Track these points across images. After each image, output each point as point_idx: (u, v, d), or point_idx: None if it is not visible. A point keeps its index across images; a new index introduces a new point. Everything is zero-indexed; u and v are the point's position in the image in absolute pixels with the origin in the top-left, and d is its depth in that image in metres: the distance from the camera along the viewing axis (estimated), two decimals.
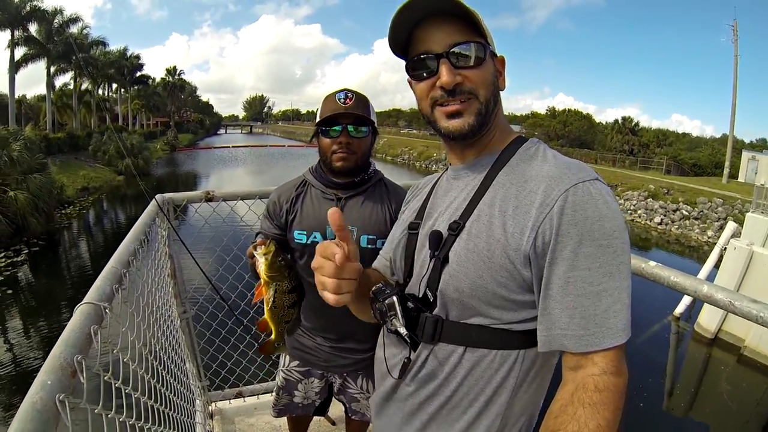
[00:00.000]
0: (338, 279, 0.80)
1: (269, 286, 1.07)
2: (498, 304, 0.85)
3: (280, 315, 1.10)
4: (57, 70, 34.50)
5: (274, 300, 1.08)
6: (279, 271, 1.06)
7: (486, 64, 0.90)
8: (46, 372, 0.69)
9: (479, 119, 0.91)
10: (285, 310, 1.10)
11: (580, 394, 0.75)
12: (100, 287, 1.00)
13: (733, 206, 20.49)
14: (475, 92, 0.90)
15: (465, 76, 0.89)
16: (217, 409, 2.62)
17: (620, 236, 0.78)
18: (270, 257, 1.05)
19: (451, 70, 0.88)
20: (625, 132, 43.45)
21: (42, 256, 14.29)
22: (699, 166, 37.03)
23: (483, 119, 0.91)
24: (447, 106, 0.91)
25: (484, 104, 0.91)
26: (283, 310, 1.10)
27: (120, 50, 46.33)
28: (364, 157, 1.64)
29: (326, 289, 0.82)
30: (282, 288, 1.08)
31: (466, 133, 0.92)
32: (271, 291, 1.07)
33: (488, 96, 0.91)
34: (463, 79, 0.89)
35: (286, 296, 1.09)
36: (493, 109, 0.93)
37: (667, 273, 1.39)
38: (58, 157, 25.78)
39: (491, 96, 0.92)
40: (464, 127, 0.91)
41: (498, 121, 0.97)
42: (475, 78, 0.89)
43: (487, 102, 0.91)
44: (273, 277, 1.06)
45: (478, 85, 0.90)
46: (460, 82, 0.89)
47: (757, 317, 1.12)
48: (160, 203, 1.99)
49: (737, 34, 28.97)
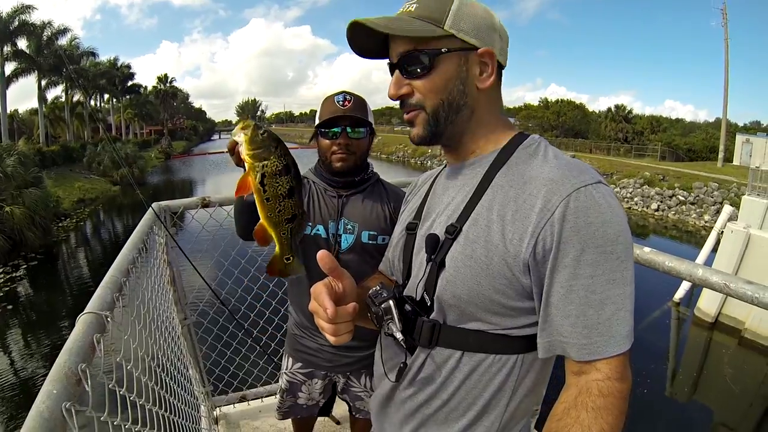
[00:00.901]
0: (335, 324, 0.81)
1: (254, 170, 0.89)
2: (496, 311, 0.84)
3: (278, 210, 0.92)
4: (48, 83, 34.38)
5: (264, 187, 0.90)
6: (262, 145, 0.90)
7: (437, 72, 0.87)
8: (52, 381, 0.70)
9: (429, 129, 0.90)
10: (281, 201, 0.92)
11: (584, 397, 0.75)
12: (102, 296, 1.01)
13: (729, 190, 20.57)
14: (420, 103, 0.89)
15: (414, 86, 0.89)
16: (221, 413, 2.63)
17: (623, 241, 0.76)
18: (250, 132, 0.89)
19: (398, 81, 0.90)
20: (619, 120, 43.42)
21: (40, 270, 14.25)
22: (694, 151, 37.17)
23: (434, 129, 0.90)
24: (405, 114, 0.93)
25: (432, 115, 0.89)
26: (279, 201, 0.92)
27: (110, 60, 46.30)
28: (363, 158, 1.67)
29: (325, 332, 0.83)
30: (271, 168, 0.90)
31: (418, 142, 0.93)
32: (257, 175, 0.89)
33: (436, 105, 0.88)
34: (411, 89, 0.89)
35: (278, 180, 0.91)
36: (449, 117, 0.90)
37: (662, 258, 1.40)
38: (53, 170, 25.71)
39: (441, 104, 0.88)
40: (416, 137, 0.92)
41: (482, 120, 0.93)
42: (423, 87, 0.88)
43: (435, 112, 0.89)
44: (256, 154, 0.90)
45: (424, 94, 0.88)
46: (407, 93, 0.90)
47: (753, 298, 1.13)
48: (157, 211, 2.00)
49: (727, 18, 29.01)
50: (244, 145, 0.90)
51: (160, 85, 60.45)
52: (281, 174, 0.91)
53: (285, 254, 1.00)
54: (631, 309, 0.76)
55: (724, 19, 28.98)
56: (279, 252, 0.99)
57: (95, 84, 41.34)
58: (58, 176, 25.50)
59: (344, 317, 0.82)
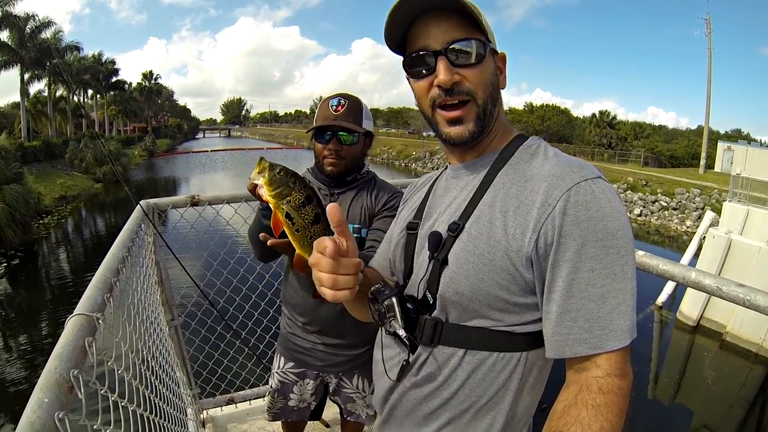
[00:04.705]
0: (335, 274, 0.77)
1: (280, 207, 0.93)
2: (499, 307, 0.83)
3: (309, 237, 0.95)
4: (31, 77, 33.74)
5: (292, 221, 0.94)
6: (282, 183, 0.93)
7: (486, 63, 0.87)
8: (42, 389, 0.66)
9: (479, 124, 0.89)
10: (309, 228, 0.96)
11: (584, 395, 0.74)
12: (92, 297, 0.97)
13: (710, 196, 20.94)
14: (472, 93, 0.87)
15: (463, 75, 0.86)
16: (208, 417, 2.58)
17: (624, 235, 0.76)
18: (267, 174, 0.92)
19: (449, 68, 0.85)
20: (603, 126, 43.97)
21: (20, 268, 13.95)
22: (676, 158, 37.79)
23: (483, 123, 0.89)
24: (448, 111, 0.88)
25: (482, 107, 0.88)
26: (307, 229, 0.95)
27: (95, 55, 45.56)
28: (354, 162, 1.69)
29: (323, 284, 0.78)
30: (294, 202, 0.93)
31: (467, 140, 0.90)
32: (284, 210, 0.93)
33: (486, 97, 0.88)
34: (461, 78, 0.86)
35: (303, 211, 0.94)
36: (492, 112, 0.90)
37: (655, 262, 1.44)
38: (34, 166, 25.27)
39: (489, 97, 0.89)
40: (464, 134, 0.89)
41: (499, 120, 0.94)
42: (474, 78, 0.86)
43: (485, 104, 0.88)
44: (279, 193, 0.93)
45: (476, 85, 0.87)
46: (458, 81, 0.86)
47: (744, 300, 1.17)
48: (145, 209, 1.95)
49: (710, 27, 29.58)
50: (265, 188, 0.93)
51: (145, 81, 59.56)
52: (305, 205, 0.94)
53: None
54: (632, 303, 0.76)
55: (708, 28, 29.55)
56: None
57: (79, 79, 40.63)
58: (40, 172, 25.01)
59: (347, 268, 0.78)
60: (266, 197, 0.94)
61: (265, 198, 0.94)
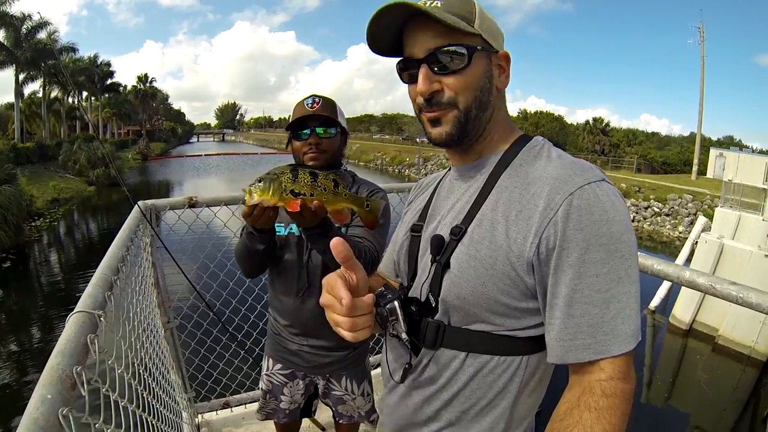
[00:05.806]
0: (352, 318, 0.76)
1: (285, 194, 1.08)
2: (501, 312, 0.83)
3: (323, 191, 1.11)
4: (26, 78, 33.56)
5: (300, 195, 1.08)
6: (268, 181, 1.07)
7: (472, 68, 0.85)
8: (45, 385, 0.66)
9: (458, 128, 0.88)
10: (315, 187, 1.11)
11: (587, 398, 0.74)
12: (93, 294, 0.96)
13: (702, 202, 21.11)
14: (453, 101, 0.86)
15: (445, 83, 0.85)
16: (204, 421, 2.56)
17: (628, 239, 0.75)
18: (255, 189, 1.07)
19: (428, 77, 0.85)
20: (596, 132, 44.23)
21: (12, 271, 13.81)
22: (669, 164, 38.05)
23: (463, 127, 0.88)
24: (427, 112, 0.89)
25: (464, 112, 0.86)
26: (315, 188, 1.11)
27: (90, 57, 45.38)
28: (334, 156, 1.71)
29: (340, 327, 0.78)
30: (288, 182, 1.08)
31: (446, 142, 0.90)
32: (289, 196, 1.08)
33: (470, 103, 0.86)
34: (442, 87, 0.86)
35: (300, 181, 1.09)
36: (479, 115, 0.88)
37: (650, 262, 1.46)
38: (27, 168, 25.05)
39: (475, 101, 0.87)
40: (442, 135, 0.89)
41: (497, 121, 0.93)
42: (456, 85, 0.85)
43: (467, 110, 0.87)
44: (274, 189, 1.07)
45: (457, 92, 0.86)
46: (438, 90, 0.86)
47: (737, 298, 1.19)
48: (143, 209, 1.94)
49: (704, 36, 29.87)
50: (265, 197, 1.06)
51: (140, 84, 59.49)
52: (296, 177, 1.08)
53: (361, 204, 1.20)
54: (636, 308, 0.75)
55: (701, 37, 29.84)
56: (357, 208, 1.20)
57: (74, 80, 40.37)
58: (33, 174, 24.79)
59: (363, 309, 0.77)
60: (272, 203, 1.05)
61: (272, 204, 1.06)
